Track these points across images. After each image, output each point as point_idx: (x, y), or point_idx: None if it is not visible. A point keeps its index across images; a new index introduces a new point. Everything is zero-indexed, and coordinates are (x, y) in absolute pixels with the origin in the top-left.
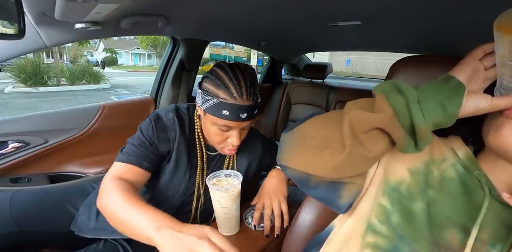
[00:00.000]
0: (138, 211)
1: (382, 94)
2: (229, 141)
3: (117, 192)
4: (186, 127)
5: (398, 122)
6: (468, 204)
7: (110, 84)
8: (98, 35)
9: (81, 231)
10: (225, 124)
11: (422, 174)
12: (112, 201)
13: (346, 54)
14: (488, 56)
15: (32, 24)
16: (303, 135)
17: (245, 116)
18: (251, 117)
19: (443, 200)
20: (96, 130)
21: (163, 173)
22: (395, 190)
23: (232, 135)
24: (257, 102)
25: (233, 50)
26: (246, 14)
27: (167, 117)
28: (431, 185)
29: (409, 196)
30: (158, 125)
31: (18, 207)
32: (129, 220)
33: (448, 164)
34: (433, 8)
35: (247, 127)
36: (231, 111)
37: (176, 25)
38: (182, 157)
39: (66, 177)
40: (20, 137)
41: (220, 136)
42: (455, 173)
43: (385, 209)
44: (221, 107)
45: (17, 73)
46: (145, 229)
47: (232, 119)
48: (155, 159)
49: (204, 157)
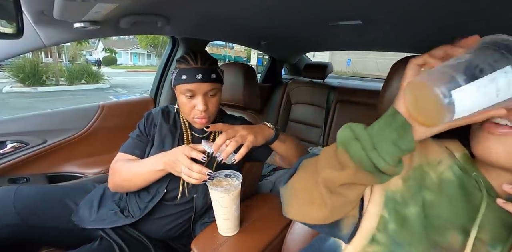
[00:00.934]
0: (142, 163)
1: (342, 149)
2: (196, 108)
3: (122, 164)
4: (170, 115)
5: (364, 171)
6: (467, 205)
7: (109, 83)
8: (97, 35)
9: (81, 222)
10: (187, 88)
11: (413, 178)
12: (123, 169)
13: (346, 54)
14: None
15: (30, 24)
16: (293, 189)
17: (200, 77)
18: (208, 79)
19: (442, 202)
20: (95, 130)
21: (151, 152)
22: (391, 199)
23: (197, 102)
24: (214, 68)
25: (233, 49)
26: (246, 13)
27: (155, 111)
28: (429, 187)
29: (403, 202)
30: (148, 117)
31: (21, 201)
32: (141, 170)
33: (445, 166)
34: (434, 7)
35: (211, 92)
36: (187, 74)
37: (176, 25)
38: (167, 136)
39: (65, 177)
40: (19, 137)
41: (188, 105)
42: (453, 175)
43: (383, 219)
44: (180, 73)
45: (15, 72)
46: (152, 166)
47: (189, 81)
48: (144, 146)
49: (190, 138)
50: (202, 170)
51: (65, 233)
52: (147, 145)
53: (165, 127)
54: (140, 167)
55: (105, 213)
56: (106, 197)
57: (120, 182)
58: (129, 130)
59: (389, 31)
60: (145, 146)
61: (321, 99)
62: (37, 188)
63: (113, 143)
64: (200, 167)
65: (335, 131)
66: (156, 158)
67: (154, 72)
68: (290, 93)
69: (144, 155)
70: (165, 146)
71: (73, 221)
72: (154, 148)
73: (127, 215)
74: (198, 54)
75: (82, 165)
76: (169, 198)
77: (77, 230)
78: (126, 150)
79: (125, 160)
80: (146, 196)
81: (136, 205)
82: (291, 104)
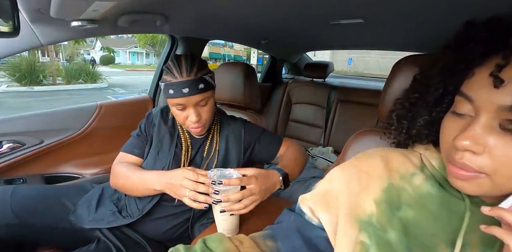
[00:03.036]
0: (140, 176)
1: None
2: (189, 119)
3: (122, 169)
4: (169, 116)
5: None
6: (451, 217)
7: (107, 83)
8: (95, 34)
9: (79, 221)
10: (176, 102)
11: (386, 201)
12: (123, 175)
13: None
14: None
15: (27, 22)
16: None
17: (187, 91)
18: (195, 91)
19: (424, 219)
20: (93, 130)
21: (150, 152)
22: (369, 224)
23: (189, 113)
24: (201, 77)
25: (233, 48)
26: (246, 12)
27: (155, 111)
28: (408, 204)
29: (381, 228)
30: (149, 117)
31: (19, 200)
32: (138, 182)
33: (420, 179)
34: (435, 6)
35: (202, 102)
36: (174, 89)
37: (175, 23)
38: (165, 136)
39: (63, 178)
40: (15, 137)
41: (181, 116)
42: (431, 188)
43: (364, 245)
44: (167, 87)
45: (11, 72)
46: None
47: (176, 96)
48: (144, 145)
49: (188, 140)
50: (209, 190)
51: (63, 234)
52: (145, 141)
53: (163, 128)
54: (138, 179)
55: (103, 213)
56: (104, 197)
57: (118, 186)
58: (128, 130)
59: (391, 29)
60: (145, 146)
61: (322, 98)
62: (34, 188)
63: (111, 143)
64: (206, 187)
65: (336, 131)
66: (154, 177)
67: (153, 72)
68: (291, 92)
69: (143, 154)
70: (163, 147)
71: (71, 221)
72: (153, 149)
73: (125, 216)
74: (182, 63)
75: (80, 166)
76: (167, 199)
77: (74, 231)
78: (126, 149)
79: (125, 165)
80: (145, 197)
81: (135, 205)
82: (292, 104)
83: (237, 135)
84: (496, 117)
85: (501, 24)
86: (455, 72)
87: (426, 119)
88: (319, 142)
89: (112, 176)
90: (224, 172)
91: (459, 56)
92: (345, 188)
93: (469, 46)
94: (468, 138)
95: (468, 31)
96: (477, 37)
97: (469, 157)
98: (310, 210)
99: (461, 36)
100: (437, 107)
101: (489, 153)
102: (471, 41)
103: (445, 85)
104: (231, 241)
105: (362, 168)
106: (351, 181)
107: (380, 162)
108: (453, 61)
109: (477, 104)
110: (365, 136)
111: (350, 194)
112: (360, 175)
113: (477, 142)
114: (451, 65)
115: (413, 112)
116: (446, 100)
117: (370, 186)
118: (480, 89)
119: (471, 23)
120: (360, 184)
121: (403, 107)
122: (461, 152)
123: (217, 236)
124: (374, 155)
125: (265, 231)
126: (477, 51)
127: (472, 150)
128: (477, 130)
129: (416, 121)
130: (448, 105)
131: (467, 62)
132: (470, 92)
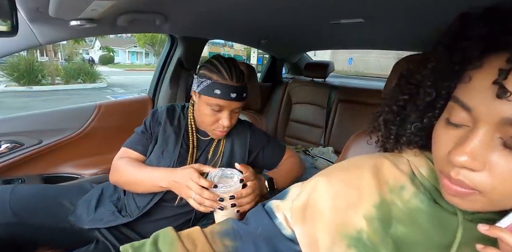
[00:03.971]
0: (146, 172)
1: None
2: (220, 122)
3: (125, 164)
4: (175, 114)
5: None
6: (443, 233)
7: (106, 83)
8: (94, 33)
9: (78, 221)
10: (217, 103)
11: (377, 219)
12: (126, 170)
13: (348, 53)
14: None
15: (25, 21)
16: None
17: (234, 96)
18: (240, 98)
19: (415, 235)
20: (92, 130)
21: (154, 150)
22: (358, 240)
23: (223, 116)
24: (245, 86)
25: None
26: (246, 11)
27: (161, 109)
28: (399, 219)
29: (373, 246)
30: (154, 115)
31: (18, 199)
32: (144, 179)
33: (410, 193)
34: (437, 5)
35: (237, 109)
36: (222, 90)
37: (174, 23)
38: (170, 136)
39: (61, 178)
40: (13, 137)
41: (212, 117)
42: (421, 202)
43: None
44: (213, 87)
45: (9, 71)
46: (154, 180)
47: (223, 98)
48: (148, 143)
49: (195, 141)
50: (214, 196)
51: (62, 234)
52: (149, 139)
53: (169, 127)
54: (143, 176)
55: (103, 213)
56: (104, 197)
57: (120, 182)
58: (127, 130)
59: (391, 29)
60: (149, 143)
61: (322, 98)
62: (33, 187)
63: (110, 144)
64: (211, 194)
65: (337, 131)
66: (162, 174)
67: (152, 71)
68: (291, 92)
69: (146, 152)
70: (168, 147)
71: (70, 221)
72: (157, 148)
73: (125, 215)
74: (233, 68)
75: (79, 166)
76: (168, 199)
77: (74, 231)
78: (129, 145)
79: (129, 160)
80: (145, 196)
81: (134, 204)
82: (292, 103)
83: (243, 138)
84: (497, 131)
85: (500, 16)
86: (449, 74)
87: (418, 126)
88: (319, 142)
89: (113, 172)
90: (226, 172)
91: (452, 56)
92: (331, 204)
93: (464, 44)
94: (465, 153)
95: (462, 26)
96: (473, 33)
97: (466, 174)
98: (284, 219)
99: (455, 32)
100: (429, 112)
101: (489, 170)
102: (467, 39)
103: (437, 89)
104: (183, 244)
105: (351, 183)
106: (338, 197)
107: (370, 174)
108: (446, 61)
109: (476, 114)
110: (366, 136)
111: (336, 210)
112: (348, 191)
113: (475, 158)
114: (444, 67)
115: (402, 117)
116: (438, 105)
117: (360, 203)
118: (478, 98)
119: (466, 16)
120: (347, 200)
121: (390, 111)
122: (457, 168)
123: (170, 237)
124: (363, 165)
125: (227, 226)
126: (474, 51)
127: (471, 167)
128: (475, 144)
129: (405, 127)
130: (441, 111)
131: (462, 64)
132: (467, 100)
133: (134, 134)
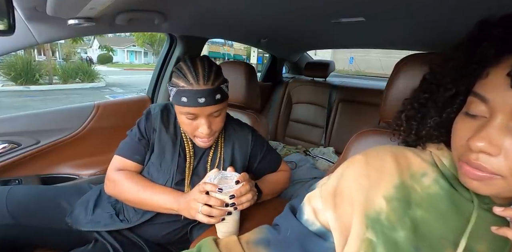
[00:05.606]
0: (154, 194)
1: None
2: (199, 130)
3: (127, 181)
4: (170, 118)
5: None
6: (459, 218)
7: (105, 82)
8: (92, 32)
9: (76, 223)
10: (187, 111)
11: (397, 199)
12: (129, 188)
13: (349, 52)
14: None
15: (22, 20)
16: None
17: (203, 101)
18: (212, 101)
19: (432, 219)
20: (90, 130)
21: (151, 161)
22: (376, 221)
23: (200, 124)
24: (218, 87)
25: (232, 47)
26: (246, 10)
27: (154, 111)
28: (417, 203)
29: (390, 226)
30: (148, 117)
31: (14, 200)
32: (152, 200)
33: (430, 180)
34: (437, 3)
35: (216, 113)
36: (188, 97)
37: (173, 22)
38: (167, 145)
39: (59, 179)
40: (10, 137)
41: (190, 126)
42: (440, 189)
43: (371, 242)
44: (180, 94)
45: (6, 71)
46: (165, 203)
47: (190, 105)
48: (145, 150)
49: (191, 148)
50: (221, 203)
51: (59, 234)
52: (146, 147)
53: (164, 134)
54: (151, 197)
55: (100, 214)
56: (102, 198)
57: (119, 197)
58: (126, 130)
59: (393, 28)
60: (146, 151)
61: (322, 98)
62: (31, 188)
63: (109, 144)
64: (217, 200)
65: (337, 131)
66: (172, 197)
67: (151, 71)
68: (291, 92)
69: (144, 160)
70: (166, 157)
71: (68, 222)
72: (155, 159)
73: (122, 219)
74: (199, 68)
75: (77, 166)
76: None
77: (71, 231)
78: (125, 154)
79: (129, 176)
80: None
81: (133, 210)
82: (292, 103)
83: (244, 143)
84: (511, 119)
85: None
86: (468, 72)
87: (437, 120)
88: (320, 142)
89: (110, 185)
90: (225, 174)
91: (472, 56)
92: (356, 184)
93: (482, 45)
94: (483, 139)
95: (481, 30)
96: (491, 36)
97: (484, 159)
98: (313, 212)
99: (474, 35)
100: (448, 107)
101: (504, 154)
102: (485, 40)
103: (457, 85)
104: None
105: (371, 163)
106: (361, 177)
107: (391, 158)
108: (466, 61)
109: (492, 105)
110: (367, 136)
111: (361, 190)
112: (369, 171)
113: (492, 144)
114: (463, 65)
115: (423, 113)
116: (457, 100)
117: (381, 182)
118: (495, 90)
119: (485, 22)
120: (369, 180)
121: (412, 108)
122: (475, 153)
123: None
124: (384, 150)
125: (259, 235)
126: (491, 51)
127: (488, 151)
128: (492, 131)
129: (425, 122)
130: (460, 106)
131: (480, 62)
132: (485, 93)
133: (129, 140)
